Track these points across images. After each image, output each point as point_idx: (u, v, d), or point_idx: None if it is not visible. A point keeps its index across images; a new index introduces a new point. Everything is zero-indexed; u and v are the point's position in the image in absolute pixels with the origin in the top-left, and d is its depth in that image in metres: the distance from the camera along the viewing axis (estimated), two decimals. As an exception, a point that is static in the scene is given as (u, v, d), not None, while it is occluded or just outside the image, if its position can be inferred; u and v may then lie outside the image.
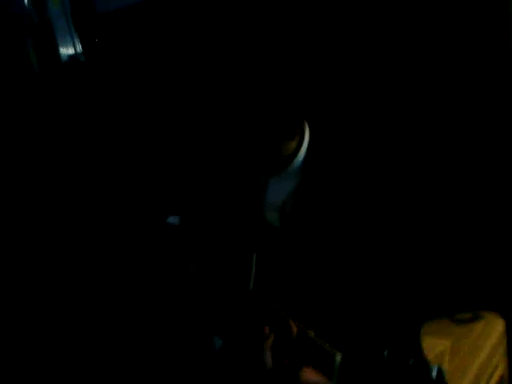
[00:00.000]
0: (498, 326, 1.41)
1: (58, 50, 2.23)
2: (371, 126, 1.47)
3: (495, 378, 1.42)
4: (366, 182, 1.16)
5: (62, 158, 2.19)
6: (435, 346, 1.36)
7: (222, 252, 1.25)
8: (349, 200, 1.15)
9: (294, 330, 0.99)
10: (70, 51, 2.25)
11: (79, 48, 2.25)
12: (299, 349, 0.98)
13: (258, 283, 1.13)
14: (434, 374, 0.89)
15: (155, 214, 1.86)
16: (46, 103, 2.21)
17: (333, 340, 0.96)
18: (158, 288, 1.62)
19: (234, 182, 1.26)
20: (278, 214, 1.22)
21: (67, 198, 2.18)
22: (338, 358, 0.92)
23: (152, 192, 2.00)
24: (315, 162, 1.19)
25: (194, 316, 1.32)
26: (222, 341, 1.29)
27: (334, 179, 1.17)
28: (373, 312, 1.14)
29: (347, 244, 1.14)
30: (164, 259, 1.55)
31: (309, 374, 0.95)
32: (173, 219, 1.58)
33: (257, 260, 1.15)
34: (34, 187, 2.17)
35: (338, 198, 1.16)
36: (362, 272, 1.14)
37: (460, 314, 1.43)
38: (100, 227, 2.10)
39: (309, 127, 1.21)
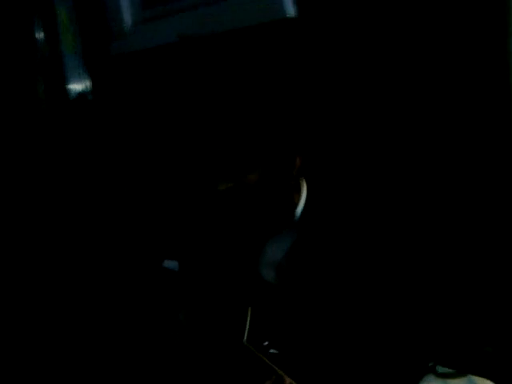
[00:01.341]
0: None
1: (67, 87, 2.27)
2: (365, 176, 1.46)
3: None
4: (363, 236, 1.16)
5: (65, 195, 2.20)
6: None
7: (216, 304, 1.24)
8: (346, 254, 1.15)
9: None
10: (79, 88, 2.28)
11: (88, 86, 2.28)
12: None
13: (252, 337, 1.12)
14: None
15: (151, 257, 1.85)
16: (51, 139, 2.23)
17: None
18: (148, 334, 1.59)
19: (232, 239, 1.26)
20: (274, 271, 1.22)
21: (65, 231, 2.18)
22: None
23: (149, 235, 2.00)
24: (311, 217, 1.20)
25: (185, 368, 1.29)
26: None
27: (331, 234, 1.17)
28: (367, 368, 1.13)
29: (343, 299, 1.14)
30: (157, 305, 1.54)
31: None
32: (169, 263, 1.57)
33: (252, 314, 1.14)
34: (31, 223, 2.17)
35: (336, 253, 1.16)
36: (357, 328, 1.13)
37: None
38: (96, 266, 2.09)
39: (306, 183, 1.23)
